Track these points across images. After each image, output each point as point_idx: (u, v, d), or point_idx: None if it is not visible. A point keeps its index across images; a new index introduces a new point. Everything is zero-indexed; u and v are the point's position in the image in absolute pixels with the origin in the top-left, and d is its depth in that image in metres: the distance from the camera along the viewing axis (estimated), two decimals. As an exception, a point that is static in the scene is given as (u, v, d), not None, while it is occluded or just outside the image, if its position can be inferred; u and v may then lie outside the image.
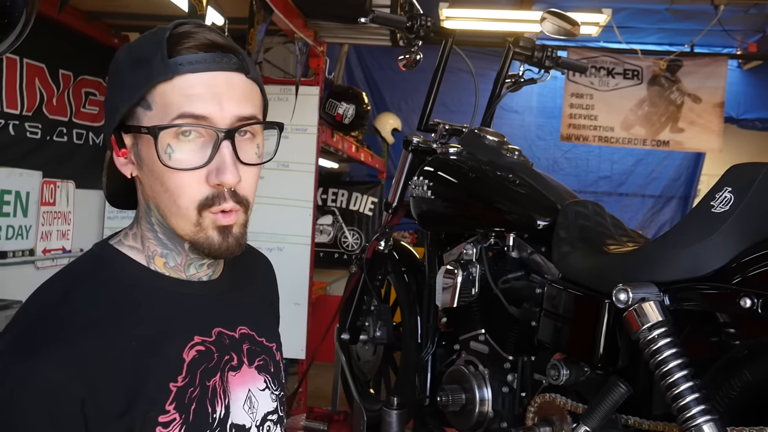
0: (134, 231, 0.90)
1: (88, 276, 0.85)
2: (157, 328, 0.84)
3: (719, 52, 5.24)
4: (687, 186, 5.68)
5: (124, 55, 0.86)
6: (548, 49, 2.06)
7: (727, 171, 1.22)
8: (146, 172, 0.85)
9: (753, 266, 1.15)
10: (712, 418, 1.11)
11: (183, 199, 0.83)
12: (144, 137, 0.83)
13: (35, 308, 0.81)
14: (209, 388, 0.87)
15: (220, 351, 0.89)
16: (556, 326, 1.49)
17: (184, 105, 0.81)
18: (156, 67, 0.81)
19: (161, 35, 0.83)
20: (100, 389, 0.77)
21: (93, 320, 0.80)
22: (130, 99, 0.83)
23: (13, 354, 0.77)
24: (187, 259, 0.89)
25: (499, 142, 1.92)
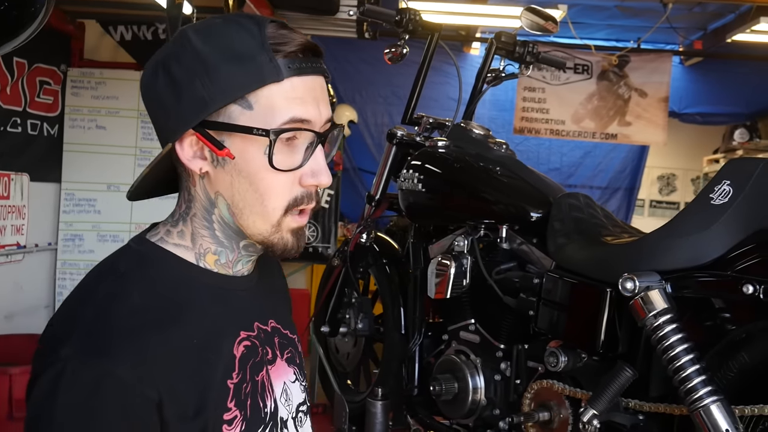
0: (180, 228, 0.87)
1: (136, 275, 0.82)
2: (209, 325, 0.83)
3: (663, 48, 5.44)
4: (632, 178, 5.88)
5: (204, 43, 0.80)
6: (529, 44, 2.11)
7: (726, 165, 1.29)
8: (228, 170, 0.82)
9: (752, 255, 1.23)
10: (719, 399, 1.18)
11: (274, 199, 0.83)
12: (239, 135, 0.80)
13: (87, 311, 0.78)
14: (258, 383, 0.87)
15: (261, 345, 0.89)
16: (555, 314, 1.54)
17: (291, 109, 0.80)
18: (265, 68, 0.79)
19: (256, 31, 0.80)
20: (174, 390, 0.76)
21: (153, 320, 0.78)
22: (228, 97, 0.79)
23: (83, 357, 0.73)
24: (239, 255, 0.89)
25: (485, 136, 1.96)
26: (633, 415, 1.39)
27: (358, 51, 5.51)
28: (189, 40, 0.81)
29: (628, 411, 1.39)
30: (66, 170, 3.27)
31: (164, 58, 0.83)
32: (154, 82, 0.83)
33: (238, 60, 0.79)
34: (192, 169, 0.84)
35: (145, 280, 0.82)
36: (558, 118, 5.35)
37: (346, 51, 5.52)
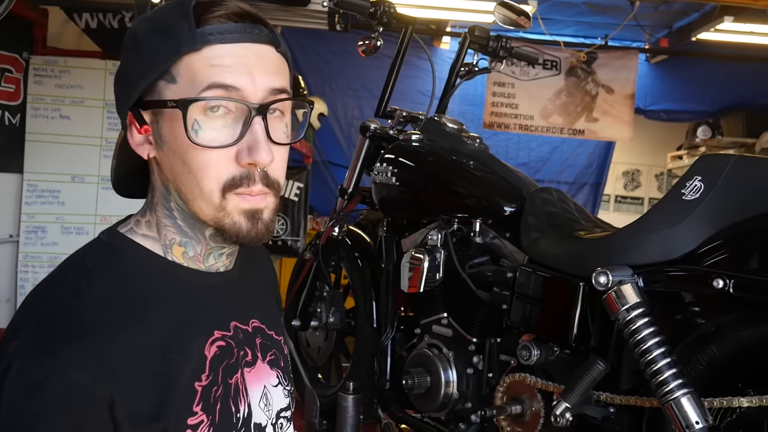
0: (148, 218, 0.82)
1: (101, 268, 0.77)
2: (178, 324, 0.78)
3: (630, 45, 5.52)
4: (598, 173, 5.96)
5: (143, 26, 0.78)
6: (503, 39, 2.11)
7: (697, 161, 1.31)
8: (167, 152, 0.77)
9: (723, 250, 1.25)
10: (689, 391, 1.20)
11: (207, 180, 0.76)
12: (166, 113, 0.76)
13: (47, 304, 0.73)
14: (231, 386, 0.81)
15: (238, 346, 0.84)
16: (527, 308, 1.55)
17: (213, 75, 0.74)
18: (183, 37, 0.74)
19: (187, 3, 0.76)
20: (129, 391, 0.70)
21: (113, 317, 0.73)
22: (153, 72, 0.75)
23: (31, 356, 0.68)
24: (207, 248, 0.83)
25: (459, 130, 1.96)
26: (604, 407, 1.40)
27: (327, 43, 5.47)
28: (135, 22, 0.79)
29: (599, 404, 1.40)
30: (28, 161, 3.19)
31: (123, 45, 0.80)
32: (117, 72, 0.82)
33: (159, 33, 0.76)
34: (141, 154, 0.80)
35: (112, 273, 0.77)
36: (527, 114, 5.39)
37: (316, 43, 5.47)
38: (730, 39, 4.83)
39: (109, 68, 3.19)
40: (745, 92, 5.59)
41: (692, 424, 1.18)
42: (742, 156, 1.25)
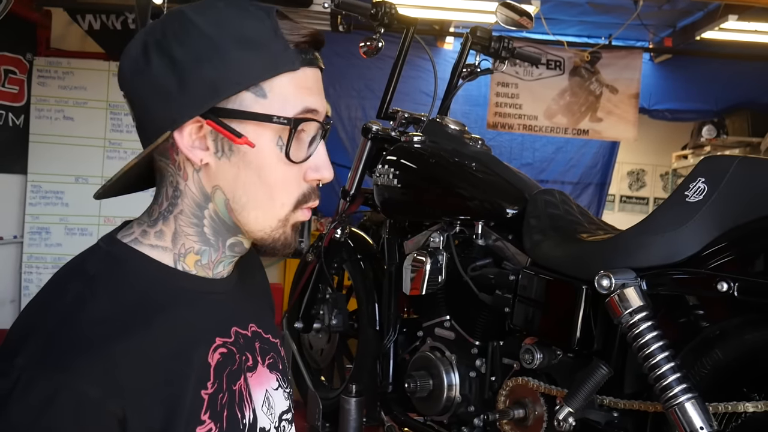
0: (159, 228, 0.80)
1: (104, 279, 0.75)
2: (182, 332, 0.76)
3: (634, 45, 5.49)
4: (603, 173, 5.93)
5: (211, 26, 0.74)
6: (504, 40, 2.10)
7: (700, 162, 1.30)
8: (234, 162, 0.76)
9: (727, 252, 1.23)
10: (693, 396, 1.19)
11: (282, 194, 0.78)
12: (250, 124, 0.75)
13: (50, 316, 0.71)
14: (236, 393, 0.81)
15: (239, 351, 0.83)
16: (530, 311, 1.53)
17: (305, 99, 0.77)
18: (280, 56, 0.75)
19: (266, 18, 0.75)
20: (139, 405, 0.69)
21: (119, 329, 0.71)
22: (244, 82, 0.74)
23: (40, 369, 0.66)
24: (222, 256, 0.83)
25: (461, 131, 1.95)
26: (608, 412, 1.39)
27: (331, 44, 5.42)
28: (191, 21, 0.75)
29: (602, 408, 1.39)
30: (32, 161, 3.19)
31: (159, 40, 0.75)
32: (145, 66, 0.75)
33: (251, 46, 0.74)
34: (191, 160, 0.77)
35: (115, 284, 0.75)
36: (531, 114, 5.37)
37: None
38: (735, 38, 4.81)
39: (113, 69, 3.20)
40: (750, 91, 5.56)
41: (696, 429, 1.16)
42: (746, 157, 1.24)
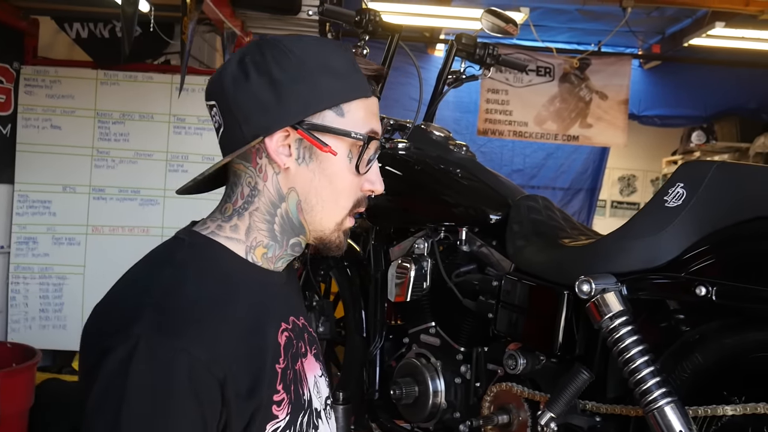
0: (234, 223, 0.93)
1: (193, 263, 0.88)
2: (256, 314, 0.90)
3: (623, 51, 5.53)
4: (593, 179, 5.96)
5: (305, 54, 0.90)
6: (490, 46, 2.11)
7: (679, 167, 1.30)
8: (312, 167, 0.92)
9: (705, 257, 1.24)
10: (673, 400, 1.19)
11: (345, 198, 0.94)
12: (329, 137, 0.91)
13: (155, 293, 0.83)
14: (298, 372, 0.94)
15: (297, 338, 0.97)
16: (513, 317, 1.54)
17: (372, 122, 0.94)
18: (359, 86, 0.93)
19: (346, 53, 0.94)
20: (234, 370, 0.82)
21: (214, 305, 0.84)
22: (328, 102, 0.91)
23: (157, 336, 0.78)
24: (284, 253, 0.97)
25: (446, 138, 1.95)
26: (590, 416, 1.39)
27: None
28: (289, 49, 0.90)
29: (585, 413, 1.39)
30: (19, 171, 3.18)
31: (258, 61, 0.90)
32: (245, 81, 0.90)
33: (336, 74, 0.91)
34: (277, 162, 0.91)
35: (202, 268, 0.88)
36: (521, 120, 5.40)
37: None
38: (722, 44, 4.85)
39: (100, 78, 3.19)
40: (738, 97, 5.60)
41: (676, 433, 1.17)
42: (724, 162, 1.25)
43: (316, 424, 0.96)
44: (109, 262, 3.06)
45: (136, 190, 3.19)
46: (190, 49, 2.32)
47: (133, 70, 3.14)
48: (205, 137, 3.22)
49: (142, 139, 3.17)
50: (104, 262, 3.10)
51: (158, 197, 3.21)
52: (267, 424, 0.86)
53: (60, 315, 3.15)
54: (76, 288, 3.12)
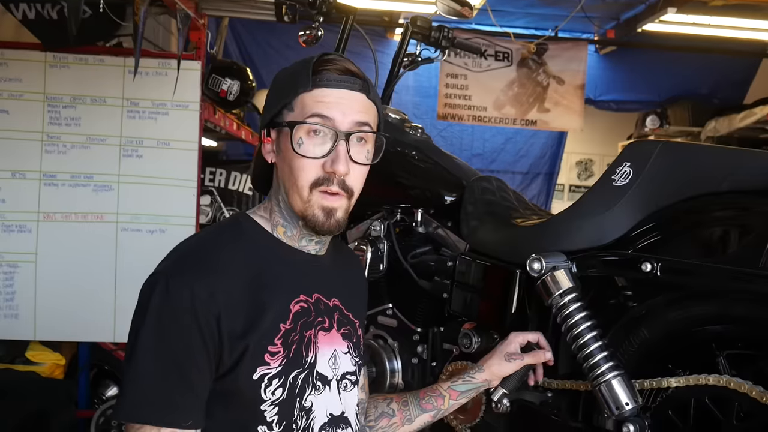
0: (266, 205, 1.17)
1: (227, 233, 1.13)
2: (273, 279, 1.09)
3: (579, 37, 5.60)
4: (551, 163, 6.05)
5: (283, 74, 1.15)
6: (444, 29, 2.11)
7: (626, 147, 1.33)
8: (281, 158, 1.12)
9: (651, 234, 1.27)
10: (620, 373, 1.22)
11: (301, 179, 1.09)
12: (284, 130, 1.10)
13: (188, 249, 1.10)
14: (305, 338, 1.10)
15: (317, 312, 1.13)
16: (468, 297, 1.56)
17: (315, 108, 1.08)
18: (301, 81, 1.09)
19: (310, 59, 1.10)
20: (230, 312, 1.03)
21: (227, 263, 1.06)
22: (282, 103, 1.10)
23: (172, 273, 1.04)
24: (301, 233, 1.15)
25: (402, 120, 1.96)
26: (542, 392, 1.42)
27: (281, 35, 5.41)
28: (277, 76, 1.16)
29: (537, 389, 1.42)
30: (-36, 157, 3.07)
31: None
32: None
33: (291, 77, 1.11)
34: (267, 159, 1.15)
35: (232, 235, 1.12)
36: (480, 105, 5.44)
37: (269, 36, 5.41)
38: (675, 30, 4.95)
39: (49, 60, 3.09)
40: (691, 83, 5.74)
41: (622, 405, 1.20)
42: (668, 142, 1.28)
43: (318, 386, 1.12)
44: (63, 249, 2.99)
45: (89, 176, 3.11)
46: (143, 32, 2.27)
47: (83, 53, 3.05)
48: (160, 121, 3.15)
49: (94, 124, 3.09)
50: (57, 249, 3.02)
51: (113, 183, 3.13)
52: (258, 367, 1.04)
53: (12, 304, 3.06)
54: (27, 276, 3.03)
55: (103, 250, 2.99)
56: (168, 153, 3.29)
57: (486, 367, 1.36)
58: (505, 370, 1.35)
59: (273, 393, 1.06)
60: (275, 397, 1.06)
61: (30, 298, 3.04)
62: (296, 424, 1.08)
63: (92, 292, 2.92)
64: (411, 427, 1.36)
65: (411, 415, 1.35)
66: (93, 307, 2.94)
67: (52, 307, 2.91)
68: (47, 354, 2.99)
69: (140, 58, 2.46)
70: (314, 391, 1.11)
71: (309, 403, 1.10)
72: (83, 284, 2.94)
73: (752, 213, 1.16)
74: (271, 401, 1.06)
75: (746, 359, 1.16)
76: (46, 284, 2.95)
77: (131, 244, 3.02)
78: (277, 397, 1.06)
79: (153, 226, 3.32)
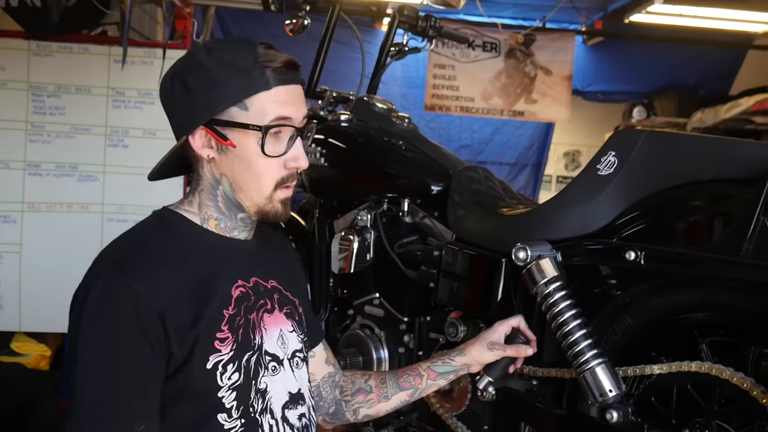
0: (190, 200, 1.15)
1: (155, 229, 1.11)
2: (209, 269, 1.09)
3: (567, 28, 5.61)
4: (539, 154, 6.06)
5: (212, 62, 1.07)
6: (432, 19, 2.11)
7: (611, 137, 1.34)
8: (230, 156, 1.09)
9: (635, 223, 1.28)
10: (603, 361, 1.23)
11: (265, 178, 1.10)
12: (238, 130, 1.07)
13: (121, 249, 1.08)
14: (250, 321, 1.11)
15: (257, 295, 1.15)
16: (454, 286, 1.56)
17: (277, 110, 1.07)
18: (257, 79, 1.06)
19: (250, 49, 1.07)
20: (174, 308, 1.02)
21: (163, 257, 1.06)
22: (230, 101, 1.06)
23: (108, 274, 1.03)
24: (235, 224, 1.15)
25: (389, 110, 1.96)
26: (527, 380, 1.43)
27: (267, 24, 5.38)
28: (198, 57, 1.08)
29: (522, 377, 1.43)
30: (-53, 146, 3.04)
31: (179, 71, 1.09)
32: (171, 90, 1.10)
33: (237, 73, 1.06)
34: (201, 155, 1.10)
35: (161, 230, 1.11)
36: (467, 95, 5.43)
37: (257, 26, 5.37)
38: (662, 21, 4.96)
39: (33, 49, 3.06)
40: (677, 74, 5.76)
41: (606, 392, 1.21)
42: (653, 131, 1.28)
43: (271, 367, 1.13)
44: (48, 240, 2.98)
45: (74, 166, 3.09)
46: (129, 20, 2.24)
47: (67, 41, 3.02)
48: (146, 111, 3.13)
49: (79, 113, 3.06)
50: (42, 239, 3.00)
51: (98, 173, 3.11)
52: (210, 356, 1.05)
53: (-4, 295, 3.05)
54: (12, 267, 3.01)
55: (88, 240, 2.97)
56: (154, 143, 3.27)
57: (467, 352, 1.36)
58: (486, 357, 1.35)
59: (229, 378, 1.06)
60: (231, 382, 1.07)
61: (15, 288, 3.02)
62: (253, 407, 1.09)
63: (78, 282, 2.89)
64: (387, 405, 1.36)
65: (388, 393, 1.35)
66: (79, 297, 2.92)
67: (37, 298, 2.89)
68: (32, 345, 2.97)
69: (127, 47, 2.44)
70: (267, 372, 1.12)
71: (263, 385, 1.11)
72: (69, 275, 2.88)
73: (735, 202, 1.17)
74: (227, 386, 1.06)
75: (728, 346, 1.17)
76: (31, 275, 2.93)
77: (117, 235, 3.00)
78: (233, 381, 1.07)
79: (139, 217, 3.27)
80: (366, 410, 1.36)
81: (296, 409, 1.16)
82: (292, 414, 1.15)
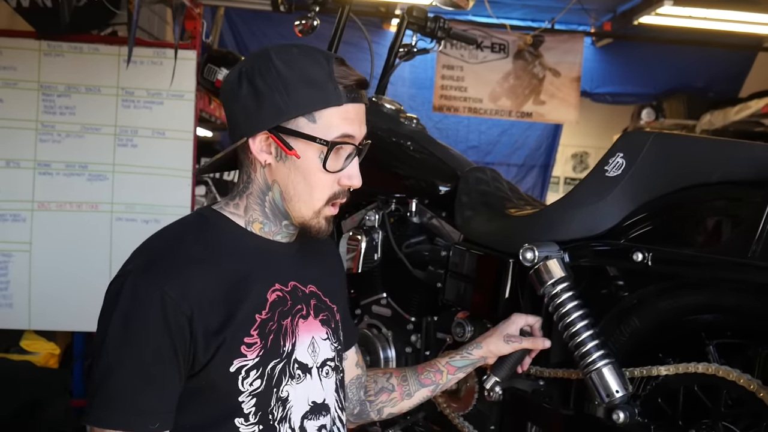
0: (236, 202, 1.14)
1: (195, 228, 1.10)
2: (247, 271, 1.08)
3: (576, 29, 5.60)
4: (547, 155, 6.05)
5: (287, 72, 1.06)
6: (440, 20, 2.11)
7: (619, 138, 1.34)
8: (288, 165, 1.09)
9: (643, 224, 1.28)
10: (610, 362, 1.23)
11: (319, 192, 1.10)
12: (302, 140, 1.07)
13: (157, 244, 1.07)
14: (283, 327, 1.10)
15: (294, 300, 1.13)
16: (461, 286, 1.57)
17: (343, 127, 1.08)
18: (330, 94, 1.06)
19: (326, 64, 1.07)
20: (203, 309, 1.02)
21: (197, 258, 1.05)
22: (300, 111, 1.06)
23: (140, 273, 1.02)
24: (279, 230, 1.15)
25: (397, 111, 1.96)
26: (534, 380, 1.44)
27: (277, 25, 5.40)
28: (272, 61, 1.07)
29: (529, 377, 1.43)
30: (-41, 145, 3.06)
31: (249, 71, 1.08)
32: (238, 89, 1.08)
33: (311, 84, 1.06)
34: (259, 159, 1.09)
35: (200, 230, 1.10)
36: (476, 96, 5.43)
37: (265, 27, 5.40)
38: (671, 23, 4.95)
39: (44, 49, 3.09)
40: (686, 76, 5.74)
41: (612, 392, 1.21)
42: (661, 133, 1.28)
43: (296, 375, 1.11)
44: (57, 239, 3.00)
45: (83, 165, 3.11)
46: (137, 20, 2.26)
47: (77, 41, 3.04)
48: (155, 111, 3.15)
49: (89, 113, 3.08)
50: (52, 238, 3.02)
51: (107, 172, 3.13)
52: (234, 359, 1.04)
53: (6, 293, 3.06)
54: (22, 265, 3.03)
55: (97, 239, 3.00)
56: (163, 143, 3.29)
57: (484, 345, 1.36)
58: (502, 349, 1.36)
59: (251, 384, 1.06)
60: (253, 388, 1.06)
61: (24, 287, 3.04)
62: (272, 414, 1.08)
63: (87, 281, 2.92)
64: (410, 402, 1.37)
65: (410, 390, 1.36)
66: (88, 296, 2.92)
67: (46, 297, 2.92)
68: (42, 343, 2.99)
69: (135, 47, 2.46)
70: (292, 381, 1.10)
71: (285, 393, 1.09)
72: (78, 274, 2.94)
73: (743, 204, 1.17)
74: (248, 392, 1.06)
75: (735, 348, 1.17)
76: (40, 273, 2.95)
77: (126, 234, 3.02)
78: (255, 388, 1.06)
79: (148, 216, 3.32)
80: (390, 409, 1.36)
81: (317, 420, 1.14)
82: (311, 425, 1.13)
